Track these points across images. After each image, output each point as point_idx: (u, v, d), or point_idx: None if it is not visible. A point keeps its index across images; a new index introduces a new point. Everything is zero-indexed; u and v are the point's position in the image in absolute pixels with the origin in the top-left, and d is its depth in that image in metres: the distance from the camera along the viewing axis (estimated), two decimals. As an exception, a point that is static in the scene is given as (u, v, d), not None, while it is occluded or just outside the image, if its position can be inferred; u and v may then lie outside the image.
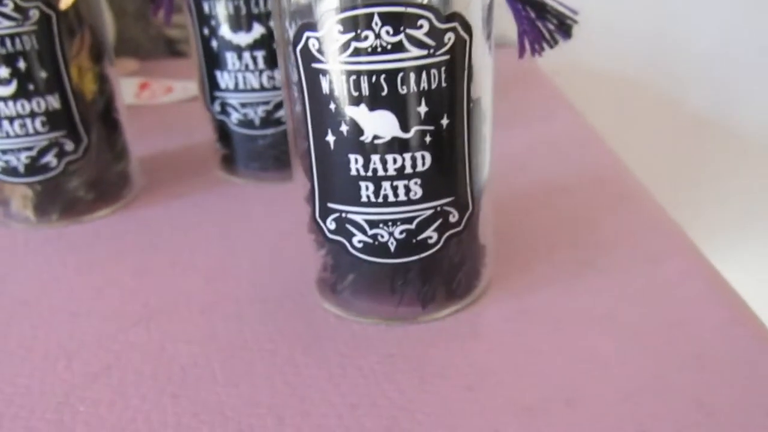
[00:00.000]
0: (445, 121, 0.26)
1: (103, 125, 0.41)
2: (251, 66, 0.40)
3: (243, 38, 0.40)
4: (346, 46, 0.24)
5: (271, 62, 0.40)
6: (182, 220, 0.40)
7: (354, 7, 0.24)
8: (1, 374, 0.28)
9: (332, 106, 0.26)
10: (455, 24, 0.25)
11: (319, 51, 0.25)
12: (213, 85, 0.42)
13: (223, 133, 0.44)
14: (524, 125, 0.52)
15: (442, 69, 0.25)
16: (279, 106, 0.42)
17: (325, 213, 0.28)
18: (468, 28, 0.25)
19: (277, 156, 0.43)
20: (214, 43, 0.41)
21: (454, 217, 0.28)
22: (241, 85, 0.41)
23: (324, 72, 0.25)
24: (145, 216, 0.41)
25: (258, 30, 0.40)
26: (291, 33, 0.26)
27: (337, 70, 0.25)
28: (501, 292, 0.31)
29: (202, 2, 0.40)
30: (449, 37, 0.25)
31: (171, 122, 0.58)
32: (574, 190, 0.41)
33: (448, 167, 0.27)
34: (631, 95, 0.78)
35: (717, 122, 0.80)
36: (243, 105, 0.42)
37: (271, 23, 0.40)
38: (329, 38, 0.25)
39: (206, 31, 0.41)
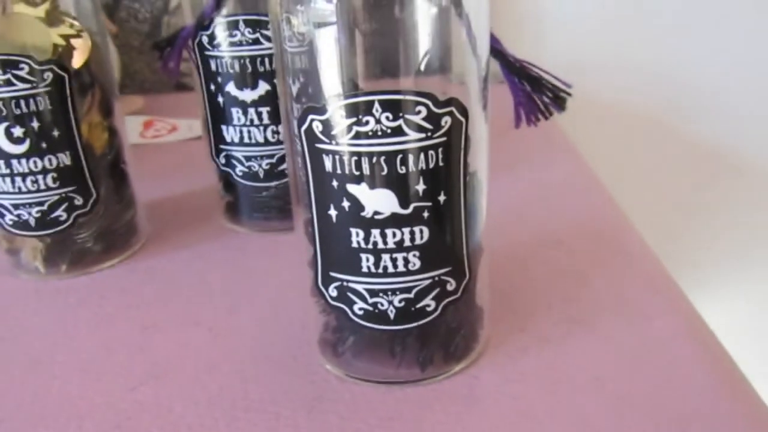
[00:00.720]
0: (442, 198, 0.28)
1: (111, 178, 0.43)
2: (256, 121, 0.43)
3: (248, 95, 0.42)
4: (348, 129, 0.26)
5: (276, 117, 0.42)
6: (188, 272, 0.42)
7: (356, 95, 0.26)
8: (15, 434, 0.30)
9: (335, 183, 0.27)
10: (452, 108, 0.27)
11: (323, 133, 0.27)
12: (218, 138, 0.44)
13: (228, 183, 0.46)
14: (523, 169, 0.54)
15: (440, 150, 0.27)
16: (283, 159, 0.44)
17: (328, 281, 0.30)
18: (464, 111, 0.27)
19: (281, 207, 0.45)
20: (220, 99, 0.43)
21: (451, 286, 0.30)
22: (246, 139, 0.43)
23: (327, 152, 0.27)
24: (151, 266, 0.43)
25: (263, 87, 0.42)
26: (294, 90, 0.28)
27: (340, 151, 0.27)
28: (498, 354, 0.33)
29: (209, 60, 0.42)
30: (446, 121, 0.27)
31: (175, 162, 0.60)
32: (571, 242, 0.43)
33: (446, 240, 0.29)
34: (634, 130, 0.80)
35: (724, 159, 0.82)
36: (248, 158, 0.44)
37: (276, 81, 0.42)
38: (333, 122, 0.26)
39: (212, 87, 0.43)
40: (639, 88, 0.79)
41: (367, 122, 0.26)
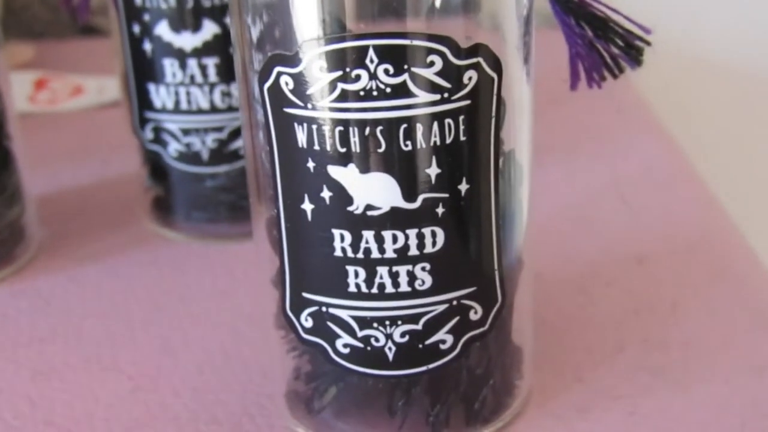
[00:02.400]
0: (464, 187, 0.29)
1: (-12, 159, 0.44)
2: (198, 78, 0.43)
3: (188, 40, 0.43)
4: (331, 87, 0.27)
5: (227, 74, 0.43)
6: (97, 297, 0.43)
7: (342, 39, 0.27)
8: None
9: (310, 164, 0.28)
10: (478, 59, 0.28)
11: (295, 92, 0.28)
12: (144, 103, 0.45)
13: (157, 168, 0.47)
14: (586, 157, 0.55)
15: (461, 118, 0.28)
16: (236, 133, 0.44)
17: (299, 305, 0.31)
18: (496, 63, 0.28)
19: (233, 204, 0.46)
20: (148, 46, 0.44)
21: (476, 314, 0.31)
22: (183, 105, 0.44)
23: (300, 120, 0.28)
24: (45, 288, 0.44)
25: (209, 29, 0.43)
26: (254, 34, 0.29)
27: (318, 119, 0.28)
28: (543, 414, 0.34)
29: (132, -11, 0.43)
30: (470, 77, 0.28)
31: (80, 140, 0.61)
32: (655, 260, 0.44)
33: (469, 247, 0.30)
34: (750, 101, 0.80)
35: None
36: (186, 132, 0.45)
37: (228, 20, 0.43)
38: (309, 77, 0.27)
39: (136, 29, 0.44)
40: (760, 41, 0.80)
41: (357, 77, 0.27)
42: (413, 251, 0.29)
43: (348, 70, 0.27)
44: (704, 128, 0.71)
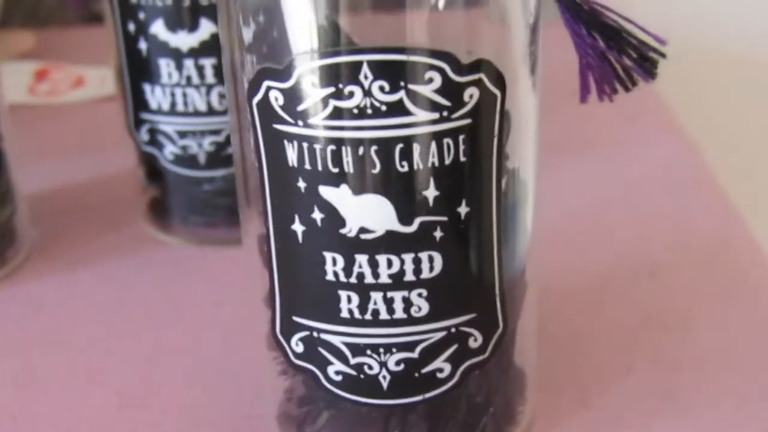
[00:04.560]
0: (463, 209, 0.27)
1: (-22, 157, 0.43)
2: (195, 79, 0.42)
3: (185, 40, 0.42)
4: (323, 104, 0.26)
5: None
6: (88, 304, 0.42)
7: (335, 53, 0.26)
8: None
9: (301, 184, 0.27)
10: (480, 75, 0.26)
11: (285, 109, 0.26)
12: (139, 103, 0.44)
13: (153, 170, 0.46)
14: (597, 159, 0.53)
15: (461, 137, 0.26)
16: (235, 135, 0.43)
17: (290, 329, 0.29)
18: (499, 79, 0.26)
19: (231, 207, 0.45)
20: (143, 45, 0.42)
21: (476, 342, 0.29)
22: (179, 106, 0.43)
23: (290, 137, 0.27)
24: (35, 293, 0.43)
25: (206, 29, 0.41)
26: (245, 35, 0.28)
27: (309, 137, 0.26)
28: (546, 442, 0.33)
29: (128, -14, 0.42)
30: (471, 94, 0.26)
31: (79, 134, 0.60)
32: (668, 272, 0.42)
33: (469, 272, 0.28)
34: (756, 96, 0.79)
35: None
36: (182, 134, 0.43)
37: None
38: (300, 92, 0.26)
39: (132, 28, 0.42)
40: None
41: (351, 94, 0.26)
42: (409, 276, 0.28)
43: (341, 86, 0.26)
44: (724, 130, 0.69)
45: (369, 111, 0.26)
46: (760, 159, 0.77)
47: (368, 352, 0.29)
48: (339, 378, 0.29)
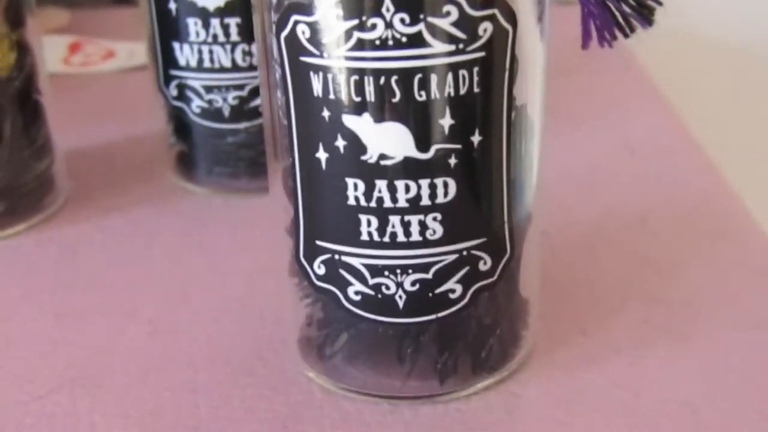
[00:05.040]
0: (476, 138, 0.27)
1: (19, 112, 0.42)
2: (221, 37, 0.42)
3: (211, 1, 0.41)
4: (347, 36, 0.25)
5: (248, 33, 0.42)
6: (121, 246, 0.41)
7: (358, -14, 0.25)
8: None
9: (326, 113, 0.27)
10: (494, 11, 0.26)
11: (311, 41, 0.26)
12: (168, 61, 0.43)
13: (181, 124, 0.45)
14: (591, 124, 0.53)
15: (475, 69, 0.26)
16: (257, 92, 0.43)
17: (313, 253, 0.29)
18: (511, 15, 0.26)
19: (252, 159, 0.44)
20: (172, 6, 0.42)
21: (485, 265, 0.29)
22: (206, 63, 0.42)
23: (316, 69, 0.26)
24: (71, 236, 0.42)
25: (232, -11, 0.41)
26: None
27: (334, 68, 0.26)
28: (547, 364, 0.32)
29: (158, -50, 0.41)
30: (485, 28, 0.26)
31: (110, 98, 0.59)
32: (655, 222, 0.42)
33: (480, 198, 0.28)
34: (743, 74, 0.78)
35: None
36: (208, 89, 0.43)
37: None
38: (325, 25, 0.26)
39: (162, -10, 0.42)
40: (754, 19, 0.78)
41: (373, 26, 0.25)
42: (425, 201, 0.27)
43: (364, 18, 0.25)
44: (701, 99, 0.69)
45: (390, 42, 0.25)
46: (733, 120, 0.77)
47: (386, 272, 0.28)
48: (358, 298, 0.29)
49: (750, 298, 0.36)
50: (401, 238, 0.28)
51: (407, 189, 0.27)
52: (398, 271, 0.28)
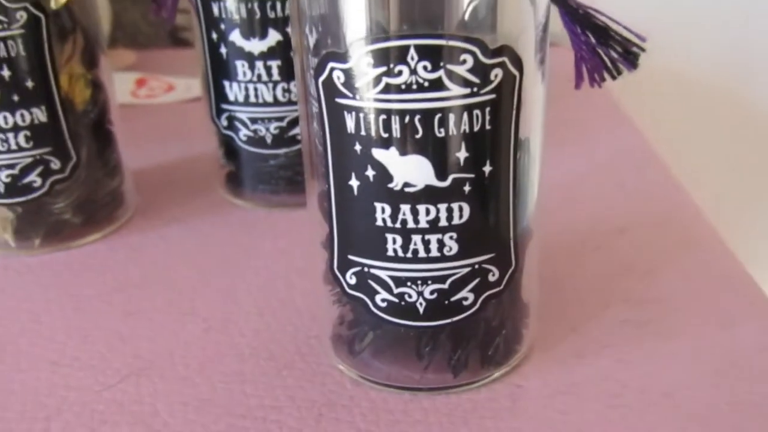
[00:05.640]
0: (487, 168, 0.25)
1: (94, 139, 0.41)
2: (264, 77, 0.40)
3: (256, 45, 0.40)
4: (376, 81, 0.24)
5: (287, 73, 0.40)
6: (180, 252, 0.40)
7: (386, 38, 0.24)
8: (-29, 436, 0.28)
9: (357, 147, 0.25)
10: (504, 58, 0.24)
11: (345, 85, 0.24)
12: (220, 96, 0.42)
13: (230, 149, 0.44)
14: (577, 146, 0.51)
15: (487, 109, 0.25)
16: (294, 122, 0.41)
17: (345, 265, 0.28)
18: (518, 63, 0.25)
19: (291, 178, 0.43)
20: (223, 50, 0.40)
21: (494, 276, 0.27)
22: (251, 98, 0.41)
23: (350, 109, 0.25)
24: (138, 243, 0.41)
25: (273, 37, 0.40)
26: (311, 41, 0.26)
27: (365, 108, 0.24)
28: (545, 359, 0.31)
29: (211, 3, 0.40)
30: (496, 74, 0.24)
31: (170, 126, 0.58)
32: (633, 230, 0.40)
33: (490, 220, 0.26)
34: (701, 104, 0.77)
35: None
36: (253, 120, 0.42)
37: (289, 29, 0.39)
38: (357, 71, 0.24)
39: (214, 36, 0.40)
40: (704, 53, 0.76)
41: (399, 72, 0.24)
42: (443, 222, 0.26)
43: (391, 66, 0.24)
44: (666, 123, 0.67)
45: (414, 86, 0.24)
46: (694, 144, 0.75)
47: (408, 283, 0.27)
48: (384, 304, 0.27)
49: (715, 298, 0.34)
50: (422, 254, 0.26)
51: (427, 212, 0.26)
52: (419, 282, 0.27)
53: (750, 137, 0.79)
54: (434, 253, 0.26)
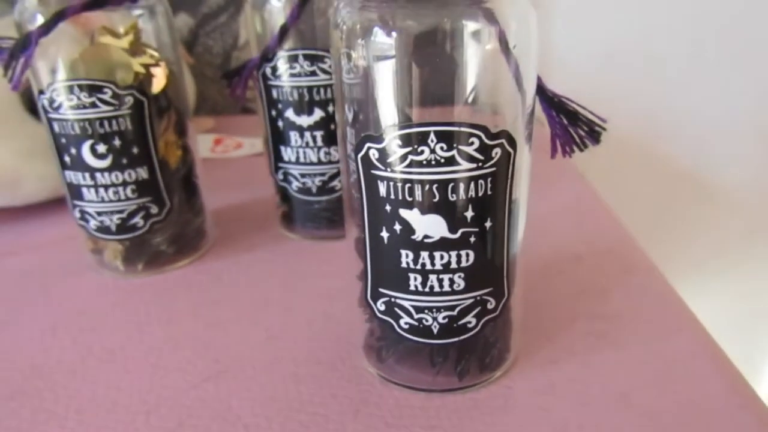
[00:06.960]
0: (488, 224, 0.24)
1: (183, 190, 0.39)
2: (311, 143, 0.39)
3: (305, 120, 0.38)
4: (403, 158, 0.22)
5: (328, 140, 0.38)
6: (248, 275, 0.38)
7: (412, 126, 0.22)
8: (89, 426, 0.26)
9: (388, 207, 0.23)
10: (502, 140, 0.22)
11: (379, 160, 0.23)
12: (278, 157, 0.40)
13: (285, 195, 0.42)
14: (543, 194, 0.49)
15: (489, 179, 0.23)
16: (333, 176, 0.40)
17: (376, 295, 0.26)
18: (513, 142, 0.23)
19: (330, 218, 0.41)
20: (280, 123, 0.39)
21: (491, 305, 0.25)
22: (301, 159, 0.39)
23: (382, 178, 0.23)
24: (217, 268, 0.39)
25: (318, 113, 0.38)
26: (350, 116, 0.24)
27: (394, 178, 0.23)
28: (528, 364, 0.29)
29: (272, 89, 0.38)
30: (496, 152, 0.22)
31: (240, 175, 0.56)
32: (588, 258, 0.38)
33: (489, 262, 0.24)
34: (623, 153, 0.75)
35: (698, 180, 0.76)
36: (302, 175, 0.40)
37: (329, 108, 0.38)
38: (389, 150, 0.22)
39: (274, 113, 0.39)
40: (631, 122, 0.74)
41: (422, 151, 0.22)
42: (453, 265, 0.24)
43: (415, 146, 0.22)
44: (609, 179, 0.65)
45: (433, 162, 0.22)
46: (630, 191, 0.73)
47: (426, 311, 0.25)
48: (407, 326, 0.25)
49: (654, 313, 0.32)
50: (437, 289, 0.24)
51: (442, 257, 0.24)
52: (434, 310, 0.25)
53: (674, 184, 0.76)
54: (446, 288, 0.24)
